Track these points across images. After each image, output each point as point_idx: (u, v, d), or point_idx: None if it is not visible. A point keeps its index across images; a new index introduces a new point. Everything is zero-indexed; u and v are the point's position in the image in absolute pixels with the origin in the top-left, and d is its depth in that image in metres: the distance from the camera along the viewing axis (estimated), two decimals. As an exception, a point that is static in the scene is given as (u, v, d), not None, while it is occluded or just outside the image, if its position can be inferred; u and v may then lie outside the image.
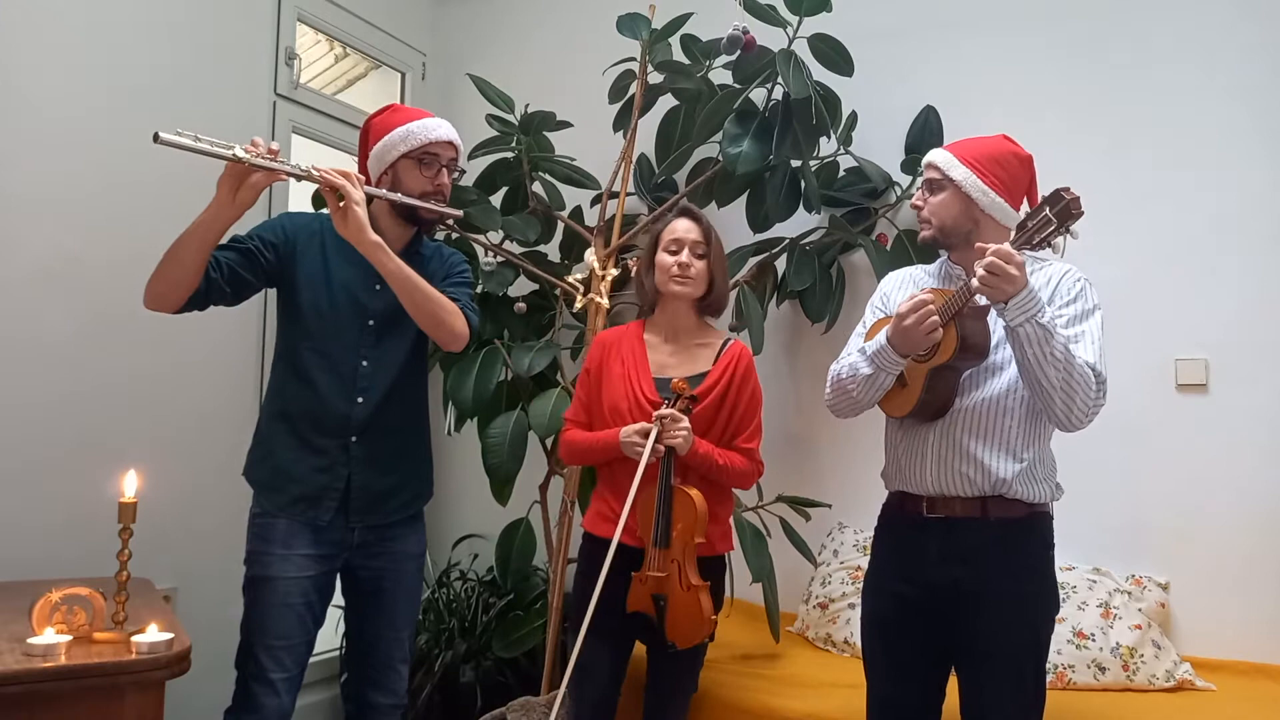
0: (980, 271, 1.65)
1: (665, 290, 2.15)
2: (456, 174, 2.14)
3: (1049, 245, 1.67)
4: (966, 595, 1.78)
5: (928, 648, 1.86)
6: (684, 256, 2.11)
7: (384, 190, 2.00)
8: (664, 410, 2.00)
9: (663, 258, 2.14)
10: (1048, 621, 1.84)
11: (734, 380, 2.12)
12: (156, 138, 1.60)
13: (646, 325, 2.23)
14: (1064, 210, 1.61)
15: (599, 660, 2.07)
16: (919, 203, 1.93)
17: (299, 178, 1.81)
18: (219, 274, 1.90)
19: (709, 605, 1.99)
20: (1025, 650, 1.79)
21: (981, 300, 1.75)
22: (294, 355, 2.02)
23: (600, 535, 2.09)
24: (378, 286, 2.01)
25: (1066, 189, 1.61)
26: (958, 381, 1.83)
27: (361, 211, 1.85)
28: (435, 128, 2.06)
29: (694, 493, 2.00)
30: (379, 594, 2.08)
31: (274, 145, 1.80)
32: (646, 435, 1.99)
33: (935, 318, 1.72)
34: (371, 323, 2.04)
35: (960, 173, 1.85)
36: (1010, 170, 1.87)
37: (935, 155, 1.91)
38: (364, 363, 2.02)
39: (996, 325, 1.82)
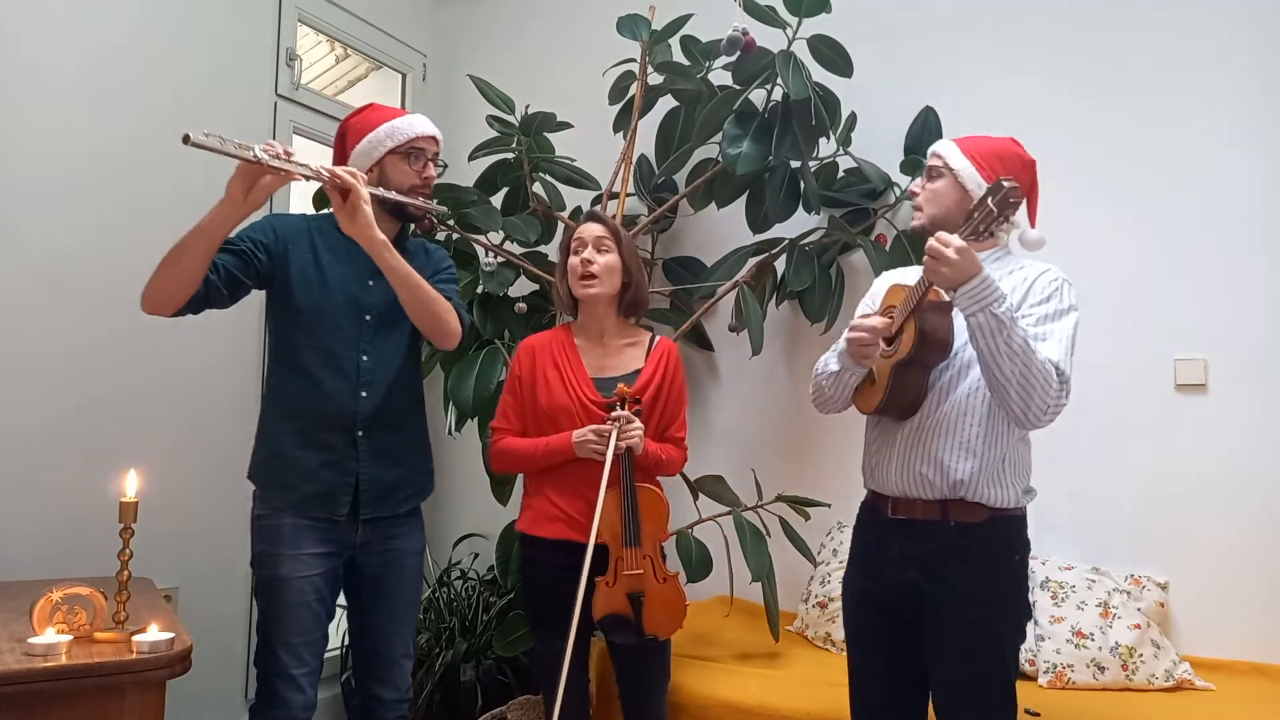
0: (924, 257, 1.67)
1: (578, 294, 2.18)
2: (439, 168, 2.16)
3: (992, 235, 1.73)
4: (925, 599, 1.77)
5: (901, 647, 1.84)
6: (586, 253, 2.15)
7: (380, 190, 2.01)
8: (619, 412, 2.05)
9: (569, 260, 2.19)
10: (1012, 626, 1.79)
11: (665, 375, 2.19)
12: (186, 139, 1.61)
13: (573, 329, 2.26)
14: (1003, 200, 1.60)
15: (573, 663, 2.09)
16: (916, 189, 1.93)
17: (310, 178, 1.83)
18: (217, 277, 1.91)
19: (684, 592, 2.12)
20: (988, 654, 1.74)
21: (945, 295, 1.74)
22: (293, 354, 2.03)
23: (545, 536, 2.11)
24: (371, 282, 2.03)
25: (1008, 178, 1.61)
26: (926, 379, 1.81)
27: (369, 209, 1.87)
28: (418, 122, 2.10)
29: (657, 489, 2.11)
30: (381, 591, 2.10)
31: (289, 148, 1.81)
32: (601, 437, 2.04)
33: (872, 346, 1.77)
34: (368, 317, 2.05)
35: (961, 163, 1.84)
36: (1011, 169, 1.83)
37: (940, 145, 1.91)
38: (364, 357, 2.04)
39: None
